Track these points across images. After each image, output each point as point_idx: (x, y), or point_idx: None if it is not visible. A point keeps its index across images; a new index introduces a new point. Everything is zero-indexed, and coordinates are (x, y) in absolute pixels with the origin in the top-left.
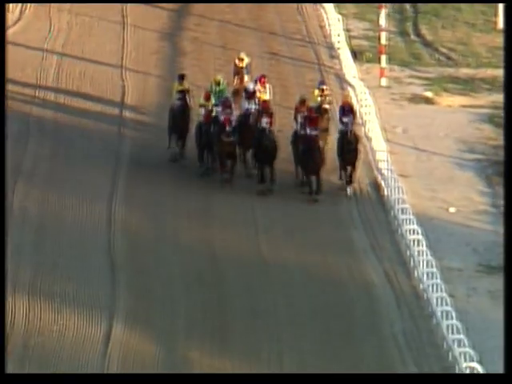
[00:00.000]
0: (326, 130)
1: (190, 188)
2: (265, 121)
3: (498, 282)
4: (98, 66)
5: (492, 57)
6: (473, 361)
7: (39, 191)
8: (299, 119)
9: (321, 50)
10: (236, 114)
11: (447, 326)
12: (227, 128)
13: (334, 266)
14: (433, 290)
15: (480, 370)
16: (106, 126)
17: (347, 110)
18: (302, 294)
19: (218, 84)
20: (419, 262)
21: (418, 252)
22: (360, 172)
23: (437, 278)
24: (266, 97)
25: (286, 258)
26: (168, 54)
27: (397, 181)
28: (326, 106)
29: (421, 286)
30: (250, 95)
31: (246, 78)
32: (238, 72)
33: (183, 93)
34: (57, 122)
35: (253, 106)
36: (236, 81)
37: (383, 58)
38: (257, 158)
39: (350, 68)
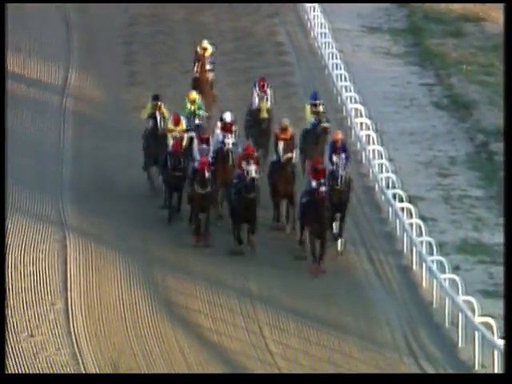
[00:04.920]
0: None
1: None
2: (253, 169)
3: (377, 41)
4: None
5: None
6: (356, 102)
7: None
8: (280, 147)
9: None
10: (212, 144)
11: (337, 76)
12: (206, 175)
13: None
14: (325, 47)
15: (363, 111)
16: None
17: (339, 147)
18: None
19: (194, 102)
20: (315, 24)
21: (314, 16)
22: None
23: (328, 37)
24: (267, 105)
25: None
26: None
27: None
28: (326, 125)
29: (316, 44)
30: (227, 127)
31: (208, 66)
32: (199, 59)
33: (154, 115)
34: None
35: (230, 140)
36: (196, 68)
37: None
38: (234, 215)
39: None
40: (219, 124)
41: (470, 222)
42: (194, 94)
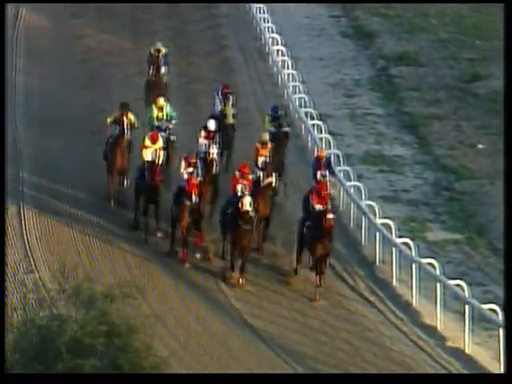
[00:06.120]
0: (282, 165)
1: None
2: (248, 201)
3: None
4: None
5: None
6: (273, 32)
7: None
8: (260, 165)
9: None
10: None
11: (256, 8)
12: (193, 198)
13: None
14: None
15: (279, 40)
16: None
17: (324, 164)
18: None
19: (161, 109)
20: None
21: None
22: None
23: None
24: (231, 111)
25: None
26: None
27: None
28: (287, 129)
29: None
30: (210, 136)
31: (163, 69)
32: (154, 62)
33: (121, 122)
34: None
35: (215, 150)
36: (151, 71)
37: None
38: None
39: None
40: (203, 133)
41: (372, 137)
42: (162, 101)
